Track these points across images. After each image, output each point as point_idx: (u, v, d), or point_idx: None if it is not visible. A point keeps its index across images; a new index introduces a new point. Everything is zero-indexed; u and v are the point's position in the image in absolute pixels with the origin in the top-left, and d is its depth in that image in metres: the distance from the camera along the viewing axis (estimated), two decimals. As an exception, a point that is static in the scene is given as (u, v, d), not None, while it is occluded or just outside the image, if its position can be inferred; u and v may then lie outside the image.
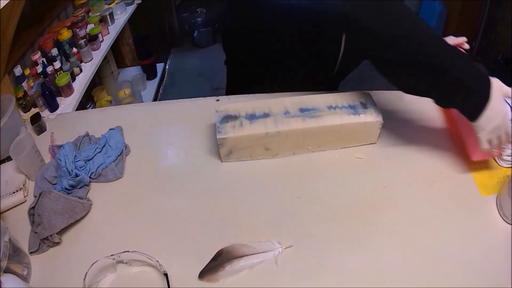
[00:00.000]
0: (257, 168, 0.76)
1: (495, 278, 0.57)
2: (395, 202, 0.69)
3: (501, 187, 0.67)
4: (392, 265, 0.59)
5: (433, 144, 0.79)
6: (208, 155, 0.79)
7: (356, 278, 0.58)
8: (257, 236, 0.64)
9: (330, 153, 0.78)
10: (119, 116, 0.91)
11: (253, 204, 0.69)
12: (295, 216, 0.67)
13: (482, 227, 0.64)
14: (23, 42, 1.44)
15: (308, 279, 0.58)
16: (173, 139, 0.84)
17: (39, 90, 1.31)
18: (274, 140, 0.74)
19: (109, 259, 0.59)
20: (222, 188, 0.73)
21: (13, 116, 0.80)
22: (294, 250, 0.62)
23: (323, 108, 0.76)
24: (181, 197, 0.72)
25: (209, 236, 0.64)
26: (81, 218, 0.68)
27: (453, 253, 0.61)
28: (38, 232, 0.63)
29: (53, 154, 0.79)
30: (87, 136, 0.83)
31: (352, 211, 0.67)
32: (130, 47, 2.35)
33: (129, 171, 0.77)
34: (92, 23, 1.73)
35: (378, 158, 0.77)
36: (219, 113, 0.76)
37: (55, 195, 0.65)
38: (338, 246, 0.62)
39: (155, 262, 0.58)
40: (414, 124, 0.83)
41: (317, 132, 0.74)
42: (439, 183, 0.72)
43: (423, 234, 0.63)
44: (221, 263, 0.60)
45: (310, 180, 0.73)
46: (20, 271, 0.59)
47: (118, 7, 1.94)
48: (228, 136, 0.72)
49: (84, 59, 1.60)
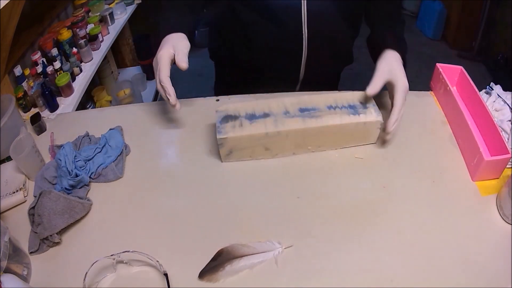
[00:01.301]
0: (257, 168, 0.76)
1: (495, 278, 0.57)
2: (395, 202, 0.69)
3: (501, 187, 0.67)
4: (392, 265, 0.59)
5: (433, 144, 0.79)
6: (208, 155, 0.79)
7: (356, 278, 0.58)
8: (257, 236, 0.64)
9: (330, 153, 0.78)
10: (119, 116, 0.91)
11: (253, 204, 0.69)
12: (295, 216, 0.67)
13: (482, 227, 0.64)
14: (23, 42, 1.44)
15: (308, 279, 0.58)
16: (173, 139, 0.84)
17: (39, 90, 1.32)
18: (274, 140, 0.74)
19: (109, 259, 0.59)
20: (222, 188, 0.73)
21: (13, 116, 0.80)
22: (294, 250, 0.62)
23: (323, 108, 0.76)
24: (181, 197, 0.72)
25: (209, 236, 0.64)
26: (81, 218, 0.68)
27: (453, 253, 0.61)
28: (38, 232, 0.63)
29: (53, 154, 0.79)
30: (87, 136, 0.83)
31: (352, 211, 0.67)
32: (130, 47, 2.35)
33: (129, 171, 0.77)
34: (92, 23, 1.73)
35: (378, 158, 0.77)
36: (219, 113, 0.76)
37: (55, 195, 0.65)
38: (338, 246, 0.62)
39: (155, 262, 0.58)
40: (414, 124, 0.83)
41: (317, 132, 0.74)
42: (439, 183, 0.72)
43: (423, 234, 0.63)
44: (221, 263, 0.60)
45: (310, 180, 0.73)
46: (20, 271, 0.59)
47: (118, 7, 1.95)
48: (228, 136, 0.72)
49: (84, 59, 1.60)
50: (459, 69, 0.86)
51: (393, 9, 0.88)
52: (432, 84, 0.92)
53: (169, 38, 0.77)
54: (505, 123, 0.78)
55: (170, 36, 0.77)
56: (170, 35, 0.77)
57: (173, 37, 0.77)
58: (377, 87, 0.73)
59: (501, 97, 0.83)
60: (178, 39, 0.77)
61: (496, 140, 0.71)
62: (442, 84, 0.86)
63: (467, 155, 0.75)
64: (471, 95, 0.81)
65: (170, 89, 0.74)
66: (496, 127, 0.71)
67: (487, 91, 0.86)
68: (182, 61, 0.74)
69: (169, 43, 0.76)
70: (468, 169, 0.73)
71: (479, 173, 0.70)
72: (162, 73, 0.73)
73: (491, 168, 0.69)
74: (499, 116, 0.80)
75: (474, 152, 0.70)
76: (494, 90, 0.85)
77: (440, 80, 0.87)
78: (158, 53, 0.75)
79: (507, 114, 0.79)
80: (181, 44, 0.76)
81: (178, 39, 0.77)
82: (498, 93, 0.84)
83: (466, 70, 0.85)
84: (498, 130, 0.71)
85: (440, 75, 0.86)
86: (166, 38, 0.77)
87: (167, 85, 0.73)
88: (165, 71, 0.74)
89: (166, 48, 0.75)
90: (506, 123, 0.78)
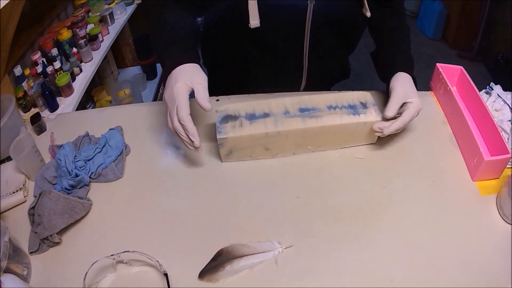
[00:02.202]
0: (257, 168, 0.76)
1: (495, 278, 0.57)
2: (395, 202, 0.69)
3: (501, 187, 0.67)
4: (392, 265, 0.59)
5: (433, 144, 0.79)
6: (208, 155, 0.79)
7: (356, 278, 0.58)
8: (257, 236, 0.64)
9: (330, 153, 0.78)
10: (119, 116, 0.91)
11: (253, 204, 0.69)
12: (295, 216, 0.67)
13: (482, 227, 0.64)
14: (23, 42, 1.44)
15: (308, 279, 0.58)
16: (173, 139, 0.84)
17: (39, 90, 1.31)
18: (274, 140, 0.74)
19: (109, 259, 0.59)
20: (222, 188, 0.73)
21: (13, 116, 0.80)
22: (294, 250, 0.62)
23: (323, 108, 0.76)
24: (181, 197, 0.72)
25: (209, 236, 0.64)
26: (81, 218, 0.68)
27: (453, 253, 0.61)
28: (38, 232, 0.63)
29: (53, 154, 0.79)
30: (87, 136, 0.83)
31: (352, 211, 0.67)
32: (130, 47, 2.35)
33: (129, 171, 0.77)
34: (92, 23, 1.73)
35: (378, 158, 0.77)
36: (219, 113, 0.76)
37: (55, 195, 0.65)
38: (338, 246, 0.62)
39: (155, 262, 0.58)
40: (414, 124, 0.83)
41: (317, 132, 0.74)
42: (439, 183, 0.72)
43: (423, 234, 0.63)
44: (221, 263, 0.60)
45: (310, 180, 0.73)
46: (20, 271, 0.59)
47: (118, 7, 1.94)
48: (228, 136, 0.72)
49: (84, 59, 1.60)
50: (459, 69, 0.86)
51: (398, 24, 0.86)
52: (432, 84, 0.92)
53: (182, 69, 0.68)
54: (505, 123, 0.78)
55: (183, 67, 0.68)
56: (183, 65, 0.68)
57: (187, 69, 0.68)
58: (395, 111, 0.71)
59: (501, 97, 0.83)
60: (194, 70, 0.68)
61: (496, 140, 0.71)
62: (442, 84, 0.86)
63: (467, 155, 0.75)
64: (471, 95, 0.81)
65: (192, 129, 0.64)
66: (496, 127, 0.71)
67: (487, 91, 0.86)
68: (204, 99, 0.64)
69: (185, 75, 0.67)
70: (468, 169, 0.73)
71: (479, 173, 0.70)
72: (183, 111, 0.64)
73: (491, 168, 0.69)
74: (499, 116, 0.80)
75: (474, 152, 0.70)
76: (494, 90, 0.85)
77: (440, 80, 0.87)
78: (173, 87, 0.65)
79: (507, 114, 0.79)
80: (199, 77, 0.67)
81: (194, 70, 0.68)
82: (498, 93, 0.84)
83: (466, 70, 0.85)
84: (498, 130, 0.71)
85: (440, 75, 0.86)
86: (179, 69, 0.68)
87: (189, 125, 0.64)
88: (186, 108, 0.64)
89: (183, 81, 0.65)
90: (506, 123, 0.78)
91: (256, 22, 0.75)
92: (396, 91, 0.73)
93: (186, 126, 0.64)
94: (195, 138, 0.65)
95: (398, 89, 0.73)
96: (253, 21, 0.75)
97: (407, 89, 0.73)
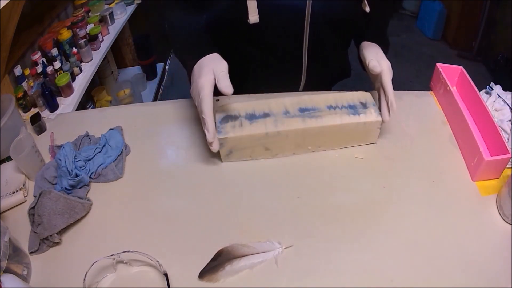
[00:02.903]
0: (257, 168, 0.76)
1: (495, 278, 0.57)
2: (395, 202, 0.69)
3: (501, 187, 0.67)
4: (392, 265, 0.59)
5: (433, 144, 0.79)
6: (208, 155, 0.79)
7: (356, 278, 0.58)
8: (257, 236, 0.64)
9: (330, 153, 0.78)
10: (119, 116, 0.91)
11: (253, 204, 0.69)
12: (295, 216, 0.67)
13: (482, 227, 0.64)
14: (23, 42, 1.44)
15: (308, 279, 0.58)
16: (173, 139, 0.84)
17: (39, 90, 1.32)
18: (274, 140, 0.74)
19: (109, 259, 0.59)
20: (222, 188, 0.73)
21: (13, 116, 0.80)
22: (294, 250, 0.62)
23: (323, 108, 0.76)
24: (181, 197, 0.72)
25: (209, 236, 0.64)
26: (81, 218, 0.68)
27: (453, 253, 0.61)
28: (38, 232, 0.63)
29: (53, 154, 0.79)
30: (87, 136, 0.83)
31: (352, 211, 0.67)
32: (130, 47, 2.35)
33: (129, 171, 0.77)
34: (92, 23, 1.73)
35: (378, 158, 0.77)
36: (219, 113, 0.76)
37: (55, 195, 0.65)
38: (338, 246, 0.62)
39: (155, 262, 0.58)
40: (414, 124, 0.83)
41: (317, 132, 0.74)
42: (439, 183, 0.72)
43: (423, 234, 0.63)
44: (221, 263, 0.60)
45: (310, 180, 0.73)
46: (20, 271, 0.59)
47: (118, 7, 1.95)
48: (228, 136, 0.72)
49: (84, 59, 1.60)
50: (459, 69, 0.86)
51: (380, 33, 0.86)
52: (432, 84, 0.92)
53: (204, 61, 0.70)
54: (505, 123, 0.78)
55: (205, 59, 0.71)
56: (204, 58, 0.71)
57: (209, 60, 0.70)
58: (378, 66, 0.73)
59: (501, 97, 0.83)
60: (214, 60, 0.70)
61: (496, 140, 0.71)
62: (442, 84, 0.86)
63: (467, 155, 0.75)
64: (471, 95, 0.81)
65: (210, 124, 0.67)
66: (496, 127, 0.71)
67: (487, 91, 0.86)
68: (226, 86, 0.67)
69: (208, 67, 0.69)
70: (468, 169, 0.73)
71: (479, 173, 0.70)
72: (206, 106, 0.66)
73: (491, 168, 0.69)
74: (499, 116, 0.80)
75: (474, 152, 0.70)
76: (494, 90, 0.85)
77: (440, 80, 0.87)
78: (198, 81, 0.68)
79: (507, 114, 0.79)
80: (220, 65, 0.69)
81: (214, 60, 0.70)
82: (498, 93, 0.84)
83: (466, 70, 0.85)
84: (498, 130, 0.71)
85: (440, 75, 0.86)
86: (201, 62, 0.70)
87: (208, 120, 0.66)
88: (209, 103, 0.66)
89: (207, 73, 0.68)
90: (506, 123, 0.78)
91: (255, 17, 0.76)
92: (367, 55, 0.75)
93: (205, 120, 0.67)
94: (208, 134, 0.67)
95: (370, 53, 0.75)
96: (252, 17, 0.76)
97: (375, 51, 0.76)
